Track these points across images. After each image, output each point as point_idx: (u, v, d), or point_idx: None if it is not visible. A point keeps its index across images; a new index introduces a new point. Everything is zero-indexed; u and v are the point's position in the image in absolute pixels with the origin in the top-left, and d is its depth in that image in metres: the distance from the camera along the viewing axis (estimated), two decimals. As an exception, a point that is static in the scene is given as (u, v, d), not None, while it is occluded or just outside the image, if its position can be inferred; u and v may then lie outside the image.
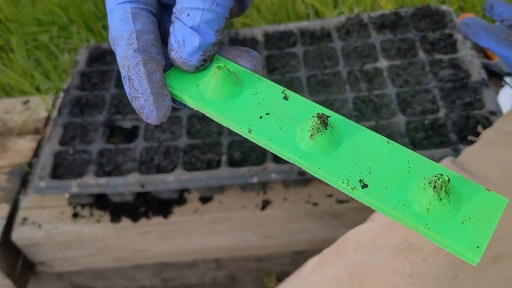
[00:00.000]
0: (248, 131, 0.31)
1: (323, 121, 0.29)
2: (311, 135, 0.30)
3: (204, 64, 0.33)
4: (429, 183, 0.27)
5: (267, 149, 0.31)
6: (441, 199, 0.27)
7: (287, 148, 0.30)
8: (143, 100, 0.31)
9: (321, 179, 0.30)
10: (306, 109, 0.32)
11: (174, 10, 0.32)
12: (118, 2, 0.32)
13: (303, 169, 0.30)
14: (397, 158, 0.30)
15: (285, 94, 0.33)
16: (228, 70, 0.32)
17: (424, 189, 0.27)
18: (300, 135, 0.30)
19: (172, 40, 0.32)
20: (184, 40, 0.32)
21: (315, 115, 0.29)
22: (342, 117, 0.32)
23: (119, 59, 0.31)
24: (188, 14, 0.32)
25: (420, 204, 0.27)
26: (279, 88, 0.33)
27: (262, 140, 0.31)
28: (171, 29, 0.32)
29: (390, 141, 0.31)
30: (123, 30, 0.31)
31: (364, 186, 0.29)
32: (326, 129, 0.29)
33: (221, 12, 0.32)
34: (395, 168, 0.29)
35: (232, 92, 0.33)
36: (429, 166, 0.29)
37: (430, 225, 0.27)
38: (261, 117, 0.32)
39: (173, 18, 0.32)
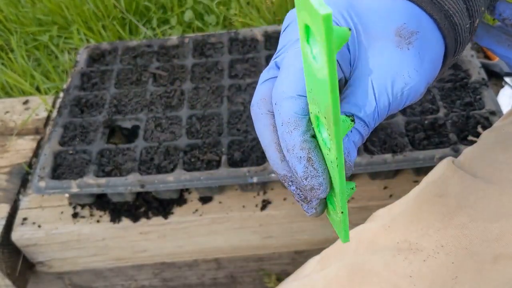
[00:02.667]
0: None
1: None
2: None
3: None
4: None
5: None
6: None
7: None
8: (323, 178, 0.34)
9: None
10: None
11: (351, 112, 0.35)
12: (298, 94, 0.34)
13: None
14: None
15: None
16: None
17: None
18: None
19: (344, 146, 0.35)
20: (350, 152, 0.35)
21: None
22: None
23: (297, 142, 0.34)
24: (351, 131, 0.35)
25: None
26: None
27: None
28: (349, 133, 0.35)
29: None
30: (301, 116, 0.34)
31: None
32: None
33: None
34: None
35: None
36: None
37: None
38: None
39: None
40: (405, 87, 0.36)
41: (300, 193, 0.37)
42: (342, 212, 0.36)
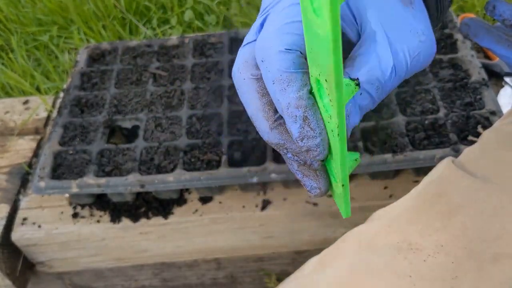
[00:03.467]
0: None
1: None
2: None
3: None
4: None
5: None
6: None
7: None
8: (320, 139, 0.32)
9: None
10: None
11: (355, 76, 0.32)
12: (286, 48, 0.32)
13: None
14: None
15: None
16: None
17: None
18: None
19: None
20: (349, 115, 0.33)
21: None
22: None
23: (292, 100, 0.31)
24: (361, 94, 0.33)
25: None
26: None
27: None
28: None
29: None
30: (295, 71, 0.31)
31: None
32: None
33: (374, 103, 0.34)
34: None
35: None
36: None
37: None
38: None
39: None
40: (420, 45, 0.34)
41: (299, 159, 0.34)
42: (343, 185, 0.33)
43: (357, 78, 0.32)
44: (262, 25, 0.35)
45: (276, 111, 0.34)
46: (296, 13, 0.33)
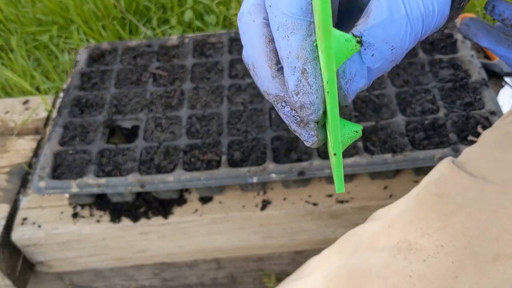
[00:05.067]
0: None
1: None
2: None
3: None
4: None
5: None
6: None
7: None
8: (315, 96, 0.30)
9: None
10: None
11: (360, 33, 0.30)
12: None
13: None
14: None
15: None
16: None
17: None
18: None
19: (347, 69, 0.30)
20: (355, 75, 0.31)
21: None
22: None
23: (293, 49, 0.29)
24: (373, 55, 0.30)
25: None
26: None
27: None
28: (352, 57, 0.30)
29: None
30: (301, 19, 0.30)
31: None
32: None
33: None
34: None
35: None
36: None
37: None
38: None
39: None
40: (434, 1, 0.31)
41: (296, 114, 0.32)
42: (334, 154, 0.30)
43: (360, 36, 0.30)
44: None
45: (279, 61, 0.32)
46: None
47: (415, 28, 0.31)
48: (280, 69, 0.33)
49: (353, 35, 0.29)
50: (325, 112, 0.31)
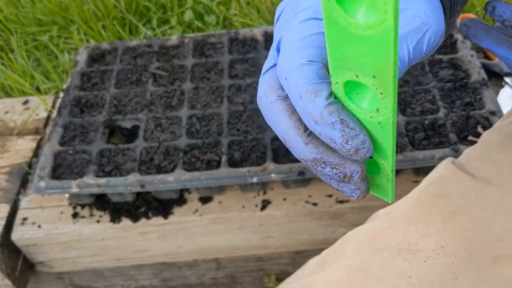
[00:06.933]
0: None
1: None
2: None
3: None
4: None
5: None
6: None
7: None
8: (363, 135, 0.32)
9: None
10: None
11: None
12: (308, 60, 0.32)
13: None
14: None
15: None
16: None
17: None
18: None
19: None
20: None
21: None
22: None
23: (324, 109, 0.32)
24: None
25: None
26: None
27: None
28: None
29: None
30: (320, 82, 0.32)
31: None
32: None
33: None
34: None
35: None
36: None
37: None
38: None
39: None
40: (424, 27, 0.33)
41: (338, 172, 0.34)
42: (392, 170, 0.34)
43: None
44: (278, 48, 0.35)
45: (306, 128, 0.34)
46: (309, 27, 0.33)
47: (401, 66, 0.33)
48: (310, 134, 0.34)
49: None
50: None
